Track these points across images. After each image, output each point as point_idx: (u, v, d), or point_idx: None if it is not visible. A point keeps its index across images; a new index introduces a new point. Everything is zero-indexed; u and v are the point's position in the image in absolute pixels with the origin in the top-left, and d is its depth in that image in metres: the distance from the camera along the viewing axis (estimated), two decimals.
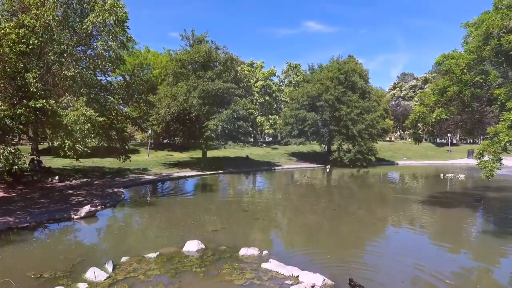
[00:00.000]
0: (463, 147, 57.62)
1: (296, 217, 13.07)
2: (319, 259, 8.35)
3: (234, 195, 18.87)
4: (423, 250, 9.34)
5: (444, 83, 12.85)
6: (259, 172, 30.81)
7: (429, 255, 8.79)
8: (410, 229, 11.84)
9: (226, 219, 12.53)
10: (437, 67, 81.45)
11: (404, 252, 8.92)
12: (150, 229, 10.92)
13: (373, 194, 20.09)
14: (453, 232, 11.48)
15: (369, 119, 34.40)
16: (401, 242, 10.34)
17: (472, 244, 10.29)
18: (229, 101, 27.23)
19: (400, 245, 9.94)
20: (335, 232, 11.23)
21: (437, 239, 10.55)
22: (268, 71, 50.86)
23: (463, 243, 10.28)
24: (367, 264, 7.93)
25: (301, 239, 10.24)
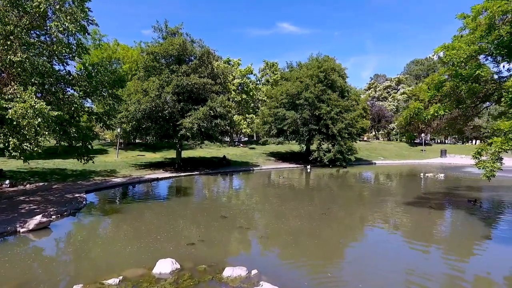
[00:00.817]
0: (435, 146, 59.08)
1: (283, 223, 11.71)
2: (319, 278, 7.03)
3: (211, 198, 17.26)
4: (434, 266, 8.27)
5: (440, 77, 11.98)
6: (237, 173, 29.30)
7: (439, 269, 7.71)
8: (423, 245, 10.81)
9: (204, 228, 10.95)
10: (408, 69, 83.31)
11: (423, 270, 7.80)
12: (113, 245, 9.13)
13: (360, 196, 19.16)
14: (458, 240, 10.58)
15: (348, 118, 33.84)
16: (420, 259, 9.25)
17: (482, 251, 9.36)
18: (205, 97, 25.53)
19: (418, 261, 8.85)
20: (330, 242, 9.97)
21: (446, 251, 9.55)
22: (245, 68, 49.40)
23: (470, 251, 9.34)
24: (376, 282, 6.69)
25: (293, 251, 8.88)
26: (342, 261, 8.46)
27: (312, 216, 12.72)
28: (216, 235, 10.12)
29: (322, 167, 35.19)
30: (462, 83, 11.59)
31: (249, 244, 9.83)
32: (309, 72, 34.36)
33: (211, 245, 9.07)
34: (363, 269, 7.65)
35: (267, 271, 7.10)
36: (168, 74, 24.88)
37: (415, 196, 17.69)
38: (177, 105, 24.51)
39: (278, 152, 44.90)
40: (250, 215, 13.39)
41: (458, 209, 14.47)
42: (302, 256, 8.49)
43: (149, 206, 14.46)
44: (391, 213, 13.85)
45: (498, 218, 13.12)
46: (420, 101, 11.92)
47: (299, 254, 8.61)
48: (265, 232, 10.81)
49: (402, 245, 9.80)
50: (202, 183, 23.66)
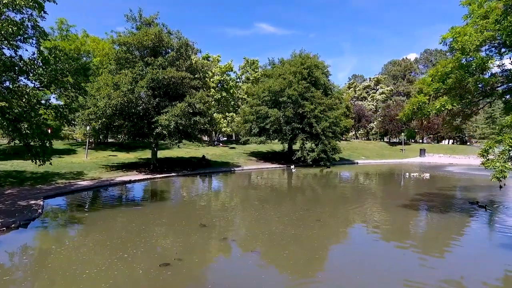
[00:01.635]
0: (413, 146, 59.66)
1: (274, 234, 10.21)
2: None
3: (189, 203, 15.49)
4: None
5: (444, 69, 10.88)
6: (217, 174, 27.57)
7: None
8: (438, 256, 9.59)
9: (182, 242, 9.26)
10: (386, 69, 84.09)
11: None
12: (66, 270, 7.27)
13: (353, 199, 18.00)
14: (476, 248, 9.47)
15: (332, 116, 32.89)
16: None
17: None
18: (183, 93, 23.65)
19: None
20: (336, 258, 8.59)
21: (460, 265, 8.38)
22: (225, 65, 47.55)
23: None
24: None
25: (294, 273, 7.40)
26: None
27: (306, 223, 11.30)
28: (197, 251, 8.48)
29: (306, 167, 34.10)
30: (468, 75, 10.57)
31: (239, 264, 8.23)
32: (292, 69, 33.12)
33: (191, 266, 7.43)
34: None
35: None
36: (143, 67, 22.84)
37: (409, 198, 16.72)
38: (152, 100, 22.50)
39: (259, 151, 43.48)
40: (234, 223, 11.81)
41: (463, 212, 13.51)
42: (306, 280, 7.03)
43: (118, 214, 12.55)
44: (393, 220, 12.68)
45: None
46: (425, 95, 10.77)
47: (300, 274, 7.14)
48: (255, 245, 9.27)
49: (416, 262, 8.55)
50: (179, 185, 21.79)
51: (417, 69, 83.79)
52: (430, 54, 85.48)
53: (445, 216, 12.98)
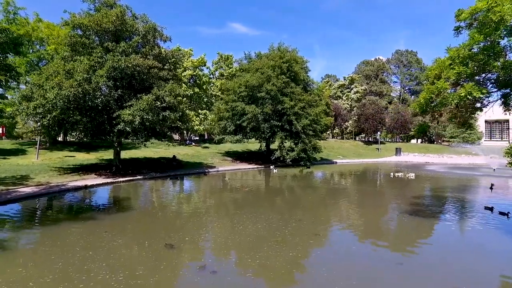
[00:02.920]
0: (388, 145, 59.71)
1: (268, 257, 7.90)
2: None
3: (155, 214, 12.80)
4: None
5: (464, 51, 9.09)
6: (189, 176, 24.85)
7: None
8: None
9: (142, 275, 6.72)
10: (359, 69, 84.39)
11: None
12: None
13: (345, 204, 16.08)
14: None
15: (313, 113, 31.14)
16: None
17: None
18: (150, 84, 20.76)
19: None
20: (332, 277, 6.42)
21: None
22: (197, 59, 44.60)
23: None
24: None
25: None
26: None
27: (302, 240, 9.10)
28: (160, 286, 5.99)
29: (285, 167, 32.17)
30: (493, 58, 8.85)
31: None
32: (271, 63, 30.99)
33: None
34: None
35: None
36: (102, 54, 19.71)
37: (409, 202, 15.01)
38: (113, 92, 19.44)
39: (234, 151, 41.04)
40: (209, 239, 9.38)
41: (483, 220, 11.84)
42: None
43: (60, 233, 9.68)
44: (403, 231, 10.77)
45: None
46: (446, 80, 8.92)
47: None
48: (244, 280, 6.88)
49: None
50: (145, 190, 18.92)
51: (389, 70, 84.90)
52: (401, 55, 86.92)
53: (470, 228, 11.23)
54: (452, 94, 8.92)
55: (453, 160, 45.70)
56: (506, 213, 11.84)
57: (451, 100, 8.82)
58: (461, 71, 8.82)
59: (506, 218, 11.55)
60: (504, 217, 11.71)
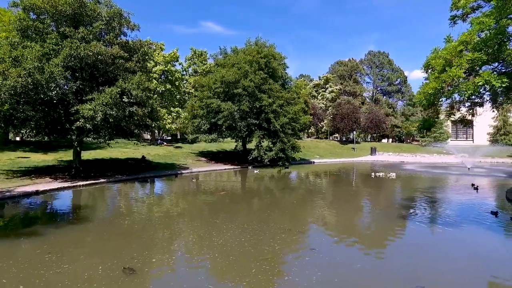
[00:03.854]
0: (363, 144, 59.96)
1: (259, 285, 6.31)
2: None
3: (117, 225, 10.80)
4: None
5: (477, 31, 7.99)
6: (160, 178, 22.76)
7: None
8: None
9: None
10: (333, 69, 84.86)
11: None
12: None
13: (336, 209, 14.81)
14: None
15: (292, 112, 29.91)
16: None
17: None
18: (115, 76, 18.53)
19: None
20: None
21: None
22: (169, 54, 42.14)
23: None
24: None
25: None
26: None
27: (297, 257, 7.61)
28: None
29: (262, 167, 30.76)
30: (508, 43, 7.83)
31: None
32: (248, 58, 29.40)
33: None
34: None
35: None
36: (57, 40, 17.24)
37: (400, 205, 14.00)
38: (71, 84, 17.08)
39: (209, 151, 39.08)
40: (182, 263, 7.64)
41: (497, 227, 10.85)
42: None
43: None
44: (405, 240, 9.54)
45: None
46: (459, 67, 7.76)
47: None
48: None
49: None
50: (108, 196, 16.73)
51: (362, 70, 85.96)
52: (373, 56, 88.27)
53: (490, 239, 10.21)
54: (466, 83, 7.76)
55: (427, 159, 46.38)
56: (495, 212, 11.13)
57: (466, 90, 7.65)
58: (475, 58, 7.66)
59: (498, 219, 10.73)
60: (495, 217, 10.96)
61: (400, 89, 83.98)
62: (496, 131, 59.94)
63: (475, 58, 7.70)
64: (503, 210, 12.74)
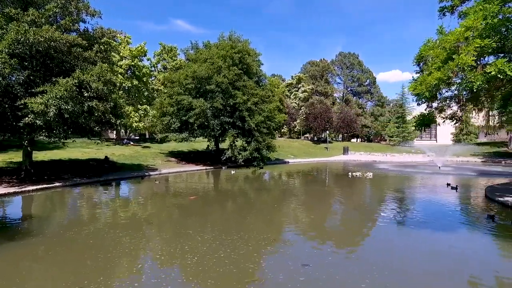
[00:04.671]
0: (335, 144, 60.28)
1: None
2: None
3: (68, 239, 9.05)
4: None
5: (488, 11, 7.19)
6: (125, 181, 20.77)
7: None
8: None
9: None
10: (305, 69, 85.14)
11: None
12: None
13: (322, 213, 13.79)
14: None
15: (267, 110, 28.81)
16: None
17: None
18: (73, 67, 16.42)
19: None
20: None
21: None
22: (136, 48, 39.56)
23: None
24: None
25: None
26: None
27: (290, 278, 6.39)
28: None
29: (236, 167, 29.44)
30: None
31: None
32: (221, 53, 27.93)
33: None
34: None
35: None
36: (1, 23, 14.91)
37: (387, 208, 13.22)
38: (18, 74, 14.81)
39: (180, 151, 37.11)
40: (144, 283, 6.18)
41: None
42: None
43: None
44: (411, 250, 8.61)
45: None
46: (466, 54, 6.91)
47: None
48: None
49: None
50: (61, 203, 14.66)
51: (333, 71, 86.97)
52: (344, 57, 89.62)
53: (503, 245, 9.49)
54: (474, 73, 6.91)
55: (397, 158, 47.18)
56: (491, 216, 10.58)
57: (474, 81, 6.79)
58: (484, 45, 6.81)
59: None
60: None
61: (369, 90, 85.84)
62: (459, 131, 62.62)
63: (484, 46, 6.85)
64: (489, 211, 12.32)
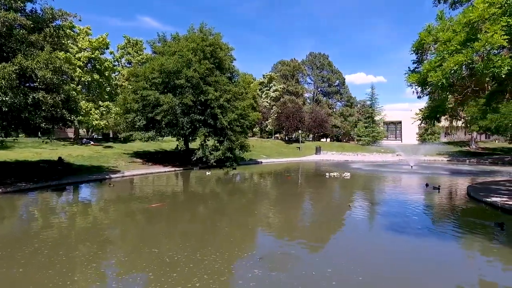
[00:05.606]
0: (307, 143, 59.89)
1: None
2: None
3: (6, 266, 6.97)
4: None
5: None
6: (82, 186, 18.32)
7: None
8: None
9: None
10: (275, 68, 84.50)
11: None
12: None
13: (311, 219, 12.43)
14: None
15: (240, 107, 27.21)
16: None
17: None
18: (14, 51, 13.88)
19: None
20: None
21: None
22: (97, 39, 36.32)
23: None
24: None
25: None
26: None
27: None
28: None
29: (207, 168, 27.62)
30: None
31: None
32: (192, 45, 25.93)
33: None
34: None
35: None
36: None
37: (379, 213, 12.14)
38: None
39: (146, 151, 34.54)
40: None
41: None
42: None
43: None
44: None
45: None
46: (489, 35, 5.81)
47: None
48: None
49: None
50: (5, 212, 12.18)
51: (304, 71, 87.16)
52: (314, 57, 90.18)
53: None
54: (501, 57, 5.79)
55: (368, 158, 47.44)
56: (500, 224, 9.71)
57: (501, 66, 5.67)
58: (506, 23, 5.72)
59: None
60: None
61: (339, 90, 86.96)
62: (424, 131, 64.69)
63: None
64: (483, 213, 11.62)
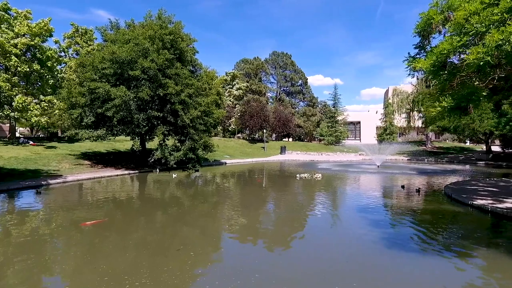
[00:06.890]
0: (272, 143, 58.69)
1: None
2: None
3: None
4: None
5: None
6: (12, 194, 14.99)
7: None
8: None
9: None
10: (238, 67, 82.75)
11: None
12: None
13: (292, 230, 10.58)
14: None
15: (204, 103, 24.89)
16: None
17: None
18: None
19: None
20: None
21: None
22: (38, 23, 31.73)
23: None
24: None
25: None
26: None
27: None
28: None
29: (166, 170, 25.03)
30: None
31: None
32: (149, 32, 23.11)
33: None
34: None
35: None
36: None
37: (365, 223, 10.65)
38: None
39: (96, 152, 30.89)
40: None
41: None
42: None
43: None
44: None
45: None
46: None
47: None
48: None
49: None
50: None
51: (267, 69, 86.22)
52: (277, 56, 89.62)
53: None
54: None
55: (333, 157, 47.27)
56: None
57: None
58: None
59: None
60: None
61: (301, 90, 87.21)
62: (383, 131, 66.57)
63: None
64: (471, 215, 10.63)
